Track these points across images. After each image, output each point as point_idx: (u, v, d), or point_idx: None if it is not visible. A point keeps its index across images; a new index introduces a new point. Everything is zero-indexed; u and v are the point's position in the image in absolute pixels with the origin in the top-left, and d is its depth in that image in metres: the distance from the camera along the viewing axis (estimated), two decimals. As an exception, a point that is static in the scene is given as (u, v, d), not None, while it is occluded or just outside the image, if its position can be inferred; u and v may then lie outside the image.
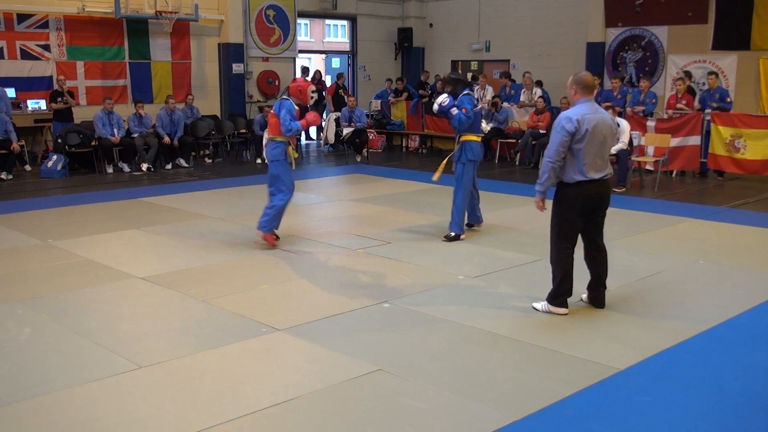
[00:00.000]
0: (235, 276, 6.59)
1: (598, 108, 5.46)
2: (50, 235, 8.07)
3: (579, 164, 5.29)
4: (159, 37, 15.70)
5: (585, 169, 5.29)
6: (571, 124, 5.23)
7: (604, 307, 5.68)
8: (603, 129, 5.32)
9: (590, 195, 5.37)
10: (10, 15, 13.80)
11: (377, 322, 5.39)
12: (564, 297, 5.54)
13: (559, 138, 5.27)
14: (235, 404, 4.03)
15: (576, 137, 5.24)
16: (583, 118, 5.25)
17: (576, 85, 5.42)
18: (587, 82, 5.41)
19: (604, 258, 5.65)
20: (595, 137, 5.27)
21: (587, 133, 5.23)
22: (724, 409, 4.05)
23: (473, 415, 3.93)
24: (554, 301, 5.55)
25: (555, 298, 5.55)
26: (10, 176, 12.28)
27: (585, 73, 5.57)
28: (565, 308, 5.54)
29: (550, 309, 5.55)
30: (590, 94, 5.42)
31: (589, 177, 5.30)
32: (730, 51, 14.82)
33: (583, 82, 5.40)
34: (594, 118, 5.29)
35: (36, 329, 5.23)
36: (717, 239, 8.03)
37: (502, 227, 8.49)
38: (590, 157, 5.28)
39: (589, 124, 5.24)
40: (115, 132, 13.09)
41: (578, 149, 5.26)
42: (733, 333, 5.22)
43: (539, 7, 17.95)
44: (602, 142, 5.32)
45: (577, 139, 5.25)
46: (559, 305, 5.54)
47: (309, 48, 25.83)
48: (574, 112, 5.31)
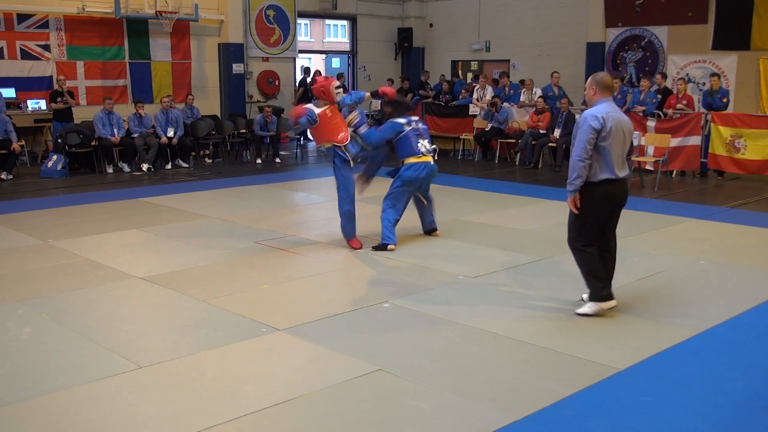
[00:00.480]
0: (236, 276, 6.59)
1: (617, 108, 5.51)
2: (50, 235, 8.07)
3: (606, 162, 5.32)
4: (159, 37, 15.71)
5: (613, 167, 5.33)
6: (597, 121, 5.26)
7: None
8: (624, 127, 5.39)
9: (615, 194, 5.43)
10: (10, 15, 13.80)
11: (377, 322, 5.39)
12: (606, 290, 5.49)
13: (587, 136, 5.27)
14: (236, 404, 4.03)
15: (602, 134, 5.27)
16: (607, 116, 5.29)
17: (596, 85, 5.47)
18: (607, 83, 5.48)
19: (613, 257, 5.66)
20: (618, 135, 5.32)
21: (611, 130, 5.27)
22: (724, 409, 4.05)
23: (473, 415, 3.93)
24: (601, 297, 5.48)
25: (600, 293, 5.48)
26: (10, 176, 12.28)
27: (604, 73, 5.61)
28: (612, 300, 5.50)
29: (601, 306, 5.48)
30: (609, 94, 5.48)
31: (616, 175, 5.35)
32: (730, 51, 14.83)
33: (603, 83, 5.45)
34: (616, 116, 5.35)
35: (36, 329, 5.23)
36: (717, 239, 8.03)
37: (503, 227, 8.49)
38: (615, 155, 5.33)
39: (612, 122, 5.29)
40: (115, 132, 13.10)
41: (604, 147, 5.29)
42: (734, 333, 5.22)
43: (539, 7, 17.95)
44: (624, 140, 5.38)
45: (602, 136, 5.27)
46: (605, 299, 5.48)
47: (309, 48, 25.82)
48: (598, 110, 5.35)
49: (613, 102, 5.49)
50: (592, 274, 5.48)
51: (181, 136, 13.74)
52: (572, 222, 5.56)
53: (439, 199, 9.46)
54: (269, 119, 14.67)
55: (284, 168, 14.02)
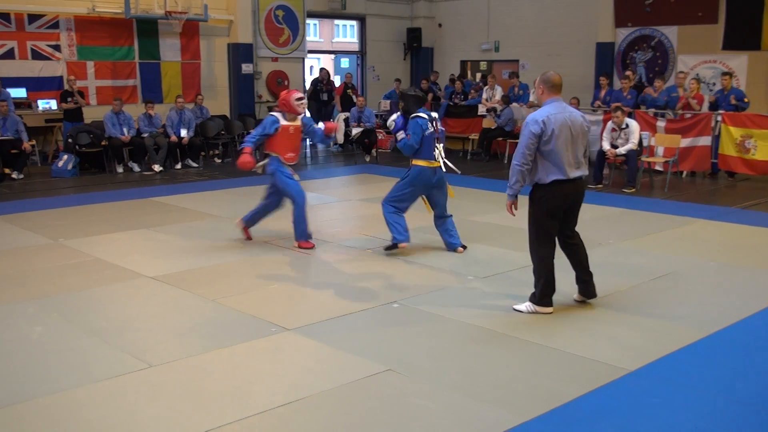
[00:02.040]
0: (245, 276, 6.61)
1: (566, 107, 5.44)
2: (61, 234, 8.10)
3: (553, 164, 5.29)
4: (168, 38, 15.75)
5: (563, 168, 5.30)
6: (537, 126, 5.24)
7: (596, 296, 5.72)
8: (572, 127, 5.32)
9: (568, 194, 5.40)
10: (21, 15, 13.87)
11: (386, 323, 5.39)
12: (549, 297, 5.56)
13: (527, 141, 5.27)
14: (244, 404, 4.04)
15: (543, 139, 5.25)
16: (548, 119, 5.25)
17: (544, 84, 5.44)
18: (555, 82, 5.41)
19: (581, 246, 5.67)
20: (563, 136, 5.27)
21: (554, 132, 5.24)
22: (733, 410, 4.03)
23: (482, 415, 3.93)
24: (541, 302, 5.55)
25: (541, 298, 5.55)
26: (21, 176, 12.35)
27: (552, 72, 5.53)
28: (551, 307, 5.56)
29: (537, 309, 5.55)
30: (558, 93, 5.42)
31: (567, 176, 5.32)
32: (741, 51, 14.75)
33: (550, 82, 5.41)
34: (560, 117, 5.29)
35: (46, 328, 5.26)
36: (727, 240, 7.99)
37: (511, 228, 8.47)
38: (564, 155, 5.28)
39: (555, 124, 5.24)
40: (125, 131, 13.14)
41: (548, 150, 5.27)
42: (744, 334, 5.20)
43: (549, 7, 17.91)
44: (573, 140, 5.32)
45: (544, 140, 5.25)
46: (545, 305, 5.55)
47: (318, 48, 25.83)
48: (540, 113, 5.32)
49: (561, 101, 5.44)
50: (545, 277, 5.50)
51: (190, 136, 13.78)
52: (529, 225, 5.57)
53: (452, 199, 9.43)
54: (278, 119, 14.66)
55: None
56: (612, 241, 7.84)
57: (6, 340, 5.03)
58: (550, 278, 5.52)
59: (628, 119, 11.48)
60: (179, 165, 13.76)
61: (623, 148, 11.23)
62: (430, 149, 7.11)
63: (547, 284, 5.53)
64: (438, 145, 7.18)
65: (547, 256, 5.51)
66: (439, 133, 7.22)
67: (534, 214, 5.49)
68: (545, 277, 5.51)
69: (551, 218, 5.45)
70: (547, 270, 5.51)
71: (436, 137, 7.17)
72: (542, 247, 5.52)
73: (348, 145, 16.05)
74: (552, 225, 5.48)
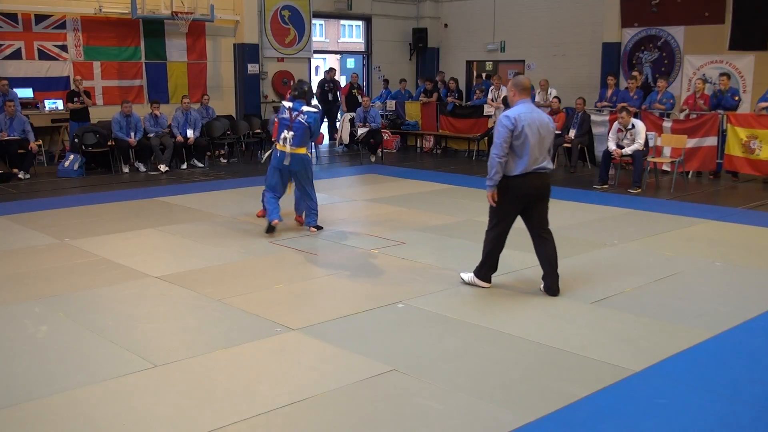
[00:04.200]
0: (250, 276, 6.62)
1: (534, 108, 6.00)
2: (67, 234, 8.13)
3: (520, 158, 5.81)
4: (175, 38, 15.78)
5: (527, 162, 5.80)
6: (510, 122, 5.78)
7: (557, 294, 6.00)
8: (540, 127, 5.84)
9: (532, 186, 5.90)
10: (28, 16, 13.92)
11: (391, 323, 5.39)
12: (489, 272, 6.17)
13: (502, 135, 5.81)
14: (250, 403, 4.05)
15: (514, 134, 5.77)
16: (519, 117, 5.79)
17: (515, 87, 6.00)
18: (525, 85, 6.00)
19: (551, 245, 6.09)
20: (532, 134, 5.78)
21: (523, 129, 5.76)
22: (740, 412, 4.02)
23: (487, 415, 3.93)
24: (480, 273, 6.17)
25: (481, 270, 6.16)
26: (27, 175, 12.39)
27: (523, 76, 6.20)
28: (488, 283, 6.18)
29: (475, 281, 6.19)
30: (527, 96, 5.99)
31: (531, 169, 5.83)
32: (748, 51, 14.71)
33: (521, 85, 5.99)
34: (529, 116, 5.82)
35: (53, 327, 5.27)
36: (733, 241, 7.97)
37: (516, 228, 8.45)
38: (531, 151, 5.79)
39: (524, 122, 5.77)
40: (132, 135, 13.14)
41: (517, 145, 5.79)
42: (750, 335, 5.18)
43: (555, 7, 17.88)
44: (539, 138, 5.83)
45: (515, 135, 5.78)
46: (482, 278, 6.17)
47: (324, 48, 25.88)
48: (512, 112, 5.87)
49: (530, 103, 6.00)
50: (488, 251, 6.11)
51: (196, 136, 13.81)
52: (492, 211, 6.08)
53: (454, 199, 9.46)
54: (284, 119, 14.69)
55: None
56: (618, 241, 7.82)
57: (12, 340, 5.05)
58: (492, 252, 6.11)
59: (634, 119, 11.45)
60: (185, 165, 13.78)
61: (629, 149, 11.20)
62: (279, 134, 8.05)
63: (488, 256, 6.12)
64: (288, 133, 7.96)
65: (495, 238, 6.08)
66: (294, 123, 7.96)
67: (498, 201, 5.98)
68: (488, 251, 6.11)
69: (512, 205, 5.97)
70: (492, 245, 6.09)
71: (287, 125, 7.98)
72: (496, 230, 6.08)
73: (353, 145, 16.05)
74: (511, 211, 6.00)
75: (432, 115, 16.87)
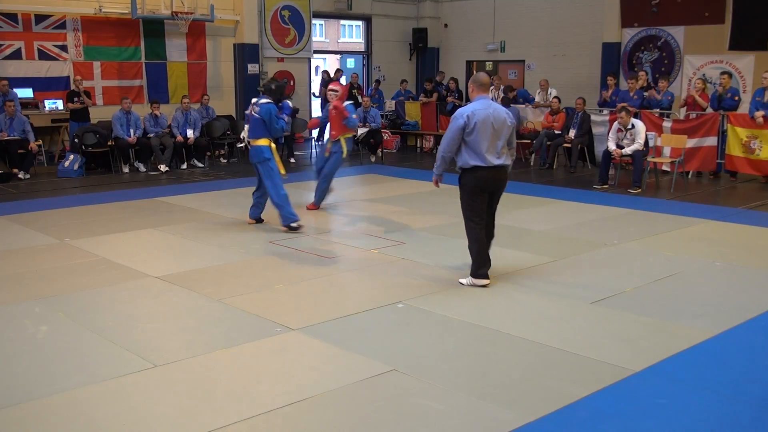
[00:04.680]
0: (250, 276, 6.62)
1: (492, 104, 6.21)
2: (67, 234, 8.13)
3: (475, 152, 6.04)
4: (175, 38, 15.79)
5: (483, 156, 6.03)
6: (462, 119, 6.04)
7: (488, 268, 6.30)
8: (495, 122, 6.05)
9: (487, 179, 6.11)
10: (28, 16, 13.93)
11: (391, 323, 5.39)
12: (484, 269, 6.23)
13: (451, 132, 6.09)
14: (250, 403, 4.05)
15: (467, 130, 6.01)
16: (473, 113, 6.02)
17: (473, 84, 6.26)
18: (482, 81, 6.23)
19: (491, 228, 6.43)
20: (485, 129, 6.01)
21: (476, 125, 5.99)
22: (741, 411, 4.02)
23: (487, 415, 3.93)
24: (477, 274, 6.23)
25: (477, 270, 6.23)
26: (27, 175, 12.39)
27: (482, 73, 6.47)
28: (487, 279, 6.23)
29: (474, 282, 6.22)
30: (485, 92, 6.23)
31: (487, 163, 6.04)
32: (748, 51, 14.71)
33: (479, 81, 6.24)
34: (484, 113, 6.04)
35: (53, 327, 5.27)
36: (733, 240, 7.97)
37: (517, 228, 8.47)
38: (485, 145, 6.02)
39: (477, 118, 6.00)
40: (132, 133, 13.16)
41: (471, 140, 6.03)
42: (750, 335, 5.18)
43: (555, 7, 17.90)
44: (493, 133, 6.05)
45: (467, 131, 6.02)
46: (482, 277, 6.23)
47: (324, 48, 25.85)
48: (467, 108, 6.14)
49: (488, 98, 6.23)
50: (477, 251, 6.20)
51: (196, 136, 13.81)
52: (461, 205, 6.33)
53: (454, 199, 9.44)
54: (284, 119, 14.70)
55: (299, 168, 14.05)
56: (617, 241, 7.82)
57: (12, 340, 5.05)
58: (481, 251, 6.21)
59: (634, 120, 11.45)
60: (185, 165, 13.78)
61: (629, 149, 11.20)
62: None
63: (478, 256, 6.21)
64: (246, 126, 8.46)
65: (475, 232, 6.22)
66: (251, 116, 8.37)
67: (461, 196, 6.26)
68: (476, 250, 6.20)
69: (474, 198, 6.18)
70: (478, 244, 6.20)
71: (247, 120, 8.43)
72: (469, 224, 6.25)
73: (354, 145, 16.02)
74: (477, 204, 6.19)
75: (432, 115, 16.87)
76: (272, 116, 8.25)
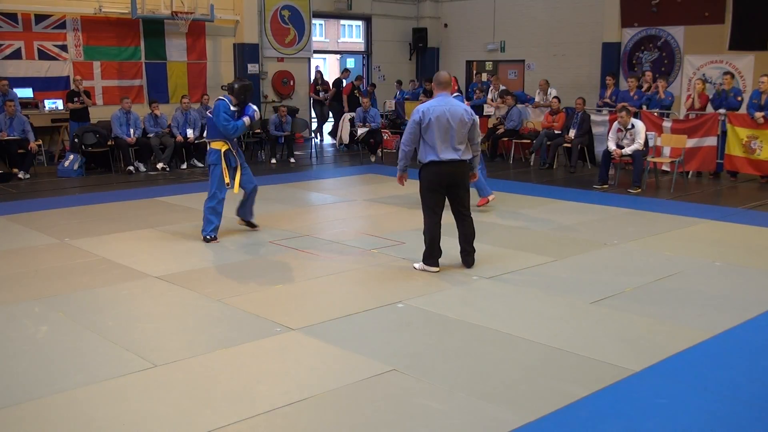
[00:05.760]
0: (250, 276, 6.61)
1: (450, 100, 6.44)
2: (67, 234, 8.13)
3: (430, 147, 6.32)
4: (175, 38, 15.80)
5: (436, 151, 6.29)
6: (417, 114, 6.33)
7: (472, 266, 6.67)
8: (450, 118, 6.27)
9: (443, 173, 6.37)
10: (28, 16, 13.93)
11: (391, 323, 5.39)
12: (435, 258, 6.58)
13: (410, 127, 6.39)
14: (250, 403, 4.05)
15: (422, 126, 6.30)
16: (428, 110, 6.30)
17: (434, 83, 6.57)
18: (441, 80, 6.51)
19: (469, 222, 6.66)
20: (440, 125, 6.27)
21: (431, 122, 6.26)
22: (741, 411, 4.02)
23: (487, 415, 3.93)
24: (427, 261, 6.59)
25: (428, 258, 6.58)
26: (27, 175, 12.39)
27: (443, 72, 6.71)
28: (436, 267, 6.59)
29: (425, 267, 6.59)
30: (446, 90, 6.48)
31: (440, 158, 6.30)
32: (748, 51, 14.71)
33: (438, 80, 6.53)
34: (440, 109, 6.30)
35: (52, 327, 5.27)
36: (733, 240, 7.97)
37: (517, 228, 8.47)
38: (438, 141, 6.28)
39: (433, 115, 6.27)
40: (131, 132, 13.16)
41: (426, 136, 6.32)
42: (750, 335, 5.18)
43: (555, 7, 17.90)
44: (449, 128, 6.29)
45: (423, 127, 6.31)
46: (431, 264, 6.59)
47: (324, 48, 25.86)
48: (425, 105, 6.40)
49: (447, 96, 6.46)
50: (430, 240, 6.54)
51: (196, 136, 13.80)
52: (420, 196, 6.60)
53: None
54: (284, 119, 14.73)
55: (298, 168, 14.05)
56: (617, 241, 7.82)
57: (12, 340, 5.05)
58: (434, 240, 6.53)
59: (634, 119, 11.45)
60: (185, 165, 13.78)
61: (629, 149, 11.20)
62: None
63: (431, 245, 6.55)
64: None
65: (432, 223, 6.53)
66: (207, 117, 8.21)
67: (420, 189, 6.55)
68: (429, 239, 6.53)
69: (431, 192, 6.47)
70: (431, 233, 6.53)
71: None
72: (427, 214, 6.55)
73: (353, 145, 16.06)
74: (432, 197, 6.48)
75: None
76: (219, 114, 7.66)
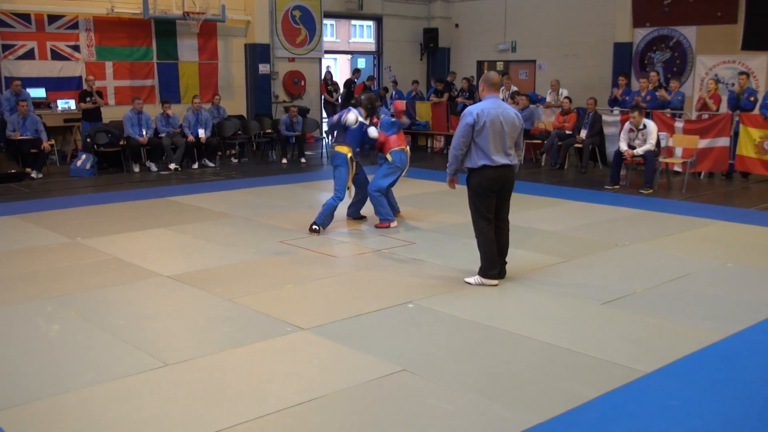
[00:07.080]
0: (261, 275, 6.63)
1: (501, 104, 6.21)
2: (79, 233, 8.17)
3: (483, 152, 6.02)
4: (186, 38, 15.85)
5: (490, 155, 6.01)
6: (471, 117, 6.01)
7: (504, 277, 6.31)
8: (504, 122, 6.04)
9: (495, 178, 6.09)
10: (41, 16, 14.02)
11: (401, 323, 5.39)
12: (493, 269, 6.22)
13: (461, 130, 6.07)
14: (260, 403, 4.06)
15: (476, 129, 5.99)
16: (482, 112, 6.00)
17: (484, 83, 6.25)
18: (493, 81, 6.23)
19: (506, 232, 6.37)
20: (494, 128, 6.00)
21: (485, 124, 5.97)
22: (752, 413, 4.00)
23: (497, 416, 3.92)
24: (487, 274, 6.22)
25: (487, 270, 6.22)
26: (40, 175, 12.46)
27: (493, 72, 6.45)
28: (496, 280, 6.22)
29: (483, 282, 6.21)
30: (496, 91, 6.24)
31: (494, 162, 6.03)
32: (760, 51, 14.62)
33: (489, 81, 6.23)
34: (494, 112, 6.03)
35: (65, 326, 5.30)
36: (745, 242, 7.92)
37: (527, 228, 8.45)
38: (492, 145, 6.01)
39: (487, 117, 5.98)
40: (143, 132, 13.22)
41: (479, 139, 6.01)
42: (762, 336, 5.15)
43: (566, 7, 17.85)
44: (502, 132, 6.04)
45: (477, 130, 6.00)
46: (491, 278, 6.22)
47: (335, 48, 25.87)
48: (477, 107, 6.09)
49: (497, 98, 6.22)
50: (484, 251, 6.19)
51: (207, 136, 13.86)
52: (469, 205, 6.28)
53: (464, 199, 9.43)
54: (295, 119, 14.75)
55: (309, 168, 14.08)
56: (629, 242, 7.79)
57: (24, 338, 5.08)
58: (490, 251, 6.18)
59: (646, 120, 11.41)
60: (196, 165, 13.83)
61: (641, 149, 11.16)
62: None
63: (488, 256, 6.19)
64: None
65: (484, 232, 6.20)
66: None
67: (470, 196, 6.23)
68: (486, 250, 6.18)
69: (482, 198, 6.15)
70: (487, 243, 6.18)
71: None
72: (479, 224, 6.22)
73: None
74: (484, 204, 6.16)
75: (442, 115, 16.86)
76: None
